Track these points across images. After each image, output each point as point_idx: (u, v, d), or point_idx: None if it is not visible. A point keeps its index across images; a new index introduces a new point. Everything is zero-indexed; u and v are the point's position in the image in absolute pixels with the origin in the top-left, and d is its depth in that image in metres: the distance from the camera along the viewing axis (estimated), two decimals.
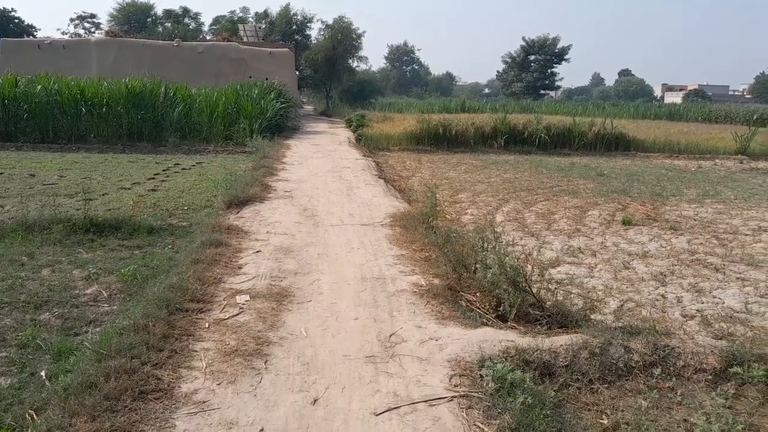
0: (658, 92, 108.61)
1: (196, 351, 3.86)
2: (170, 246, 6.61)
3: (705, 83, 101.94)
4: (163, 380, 3.44)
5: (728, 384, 3.74)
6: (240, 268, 5.65)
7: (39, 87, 17.15)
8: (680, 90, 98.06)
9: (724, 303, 5.50)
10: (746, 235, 8.23)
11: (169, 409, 3.18)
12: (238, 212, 8.09)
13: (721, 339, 4.50)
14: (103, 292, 5.16)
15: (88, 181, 10.64)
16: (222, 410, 3.21)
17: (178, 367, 3.61)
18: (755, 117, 30.96)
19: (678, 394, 3.63)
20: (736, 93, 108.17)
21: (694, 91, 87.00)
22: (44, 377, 3.62)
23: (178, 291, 4.69)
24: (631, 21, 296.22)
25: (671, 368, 3.86)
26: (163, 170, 12.56)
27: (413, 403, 3.31)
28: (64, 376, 3.46)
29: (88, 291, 5.18)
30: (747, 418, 3.40)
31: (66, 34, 60.01)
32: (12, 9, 59.70)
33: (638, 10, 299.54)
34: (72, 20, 64.51)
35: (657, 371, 3.82)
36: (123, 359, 3.50)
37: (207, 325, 4.26)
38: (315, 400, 3.32)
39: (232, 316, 4.44)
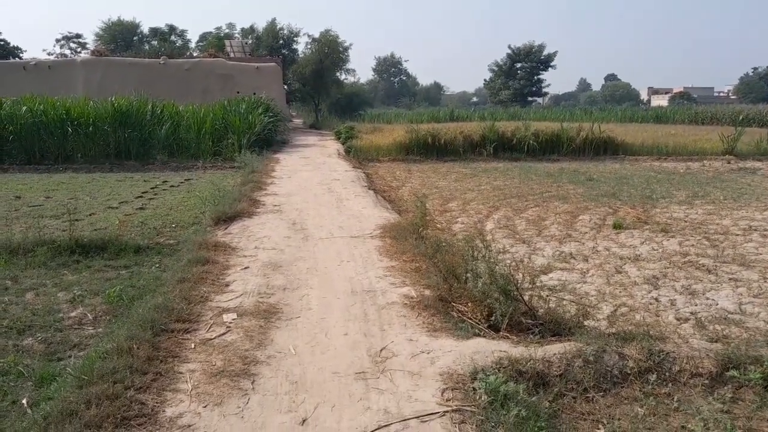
0: (644, 96, 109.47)
1: (181, 373, 3.76)
2: (157, 265, 6.51)
3: (690, 86, 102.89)
4: (147, 405, 3.34)
5: (725, 388, 3.68)
6: (227, 285, 5.55)
7: (24, 108, 17.00)
8: (666, 93, 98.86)
9: (717, 304, 5.46)
10: (737, 235, 8.22)
11: None
12: (226, 228, 8.00)
13: (716, 342, 4.45)
14: (88, 314, 5.05)
15: (74, 202, 10.52)
16: None
17: (162, 391, 3.52)
18: (741, 117, 31.19)
19: (675, 400, 3.57)
20: (721, 94, 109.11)
21: (679, 94, 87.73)
22: (26, 405, 3.52)
23: (163, 311, 4.59)
24: (615, 26, 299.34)
25: (667, 374, 3.80)
26: (151, 188, 12.45)
27: (405, 420, 3.22)
28: (45, 404, 3.36)
29: (73, 314, 5.08)
30: (745, 422, 3.35)
31: (52, 54, 59.84)
32: None
33: (622, 15, 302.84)
34: (58, 41, 64.55)
35: (653, 377, 3.76)
36: (105, 384, 3.40)
37: (193, 346, 4.16)
38: (304, 421, 3.23)
39: (219, 336, 4.34)
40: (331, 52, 41.72)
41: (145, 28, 62.26)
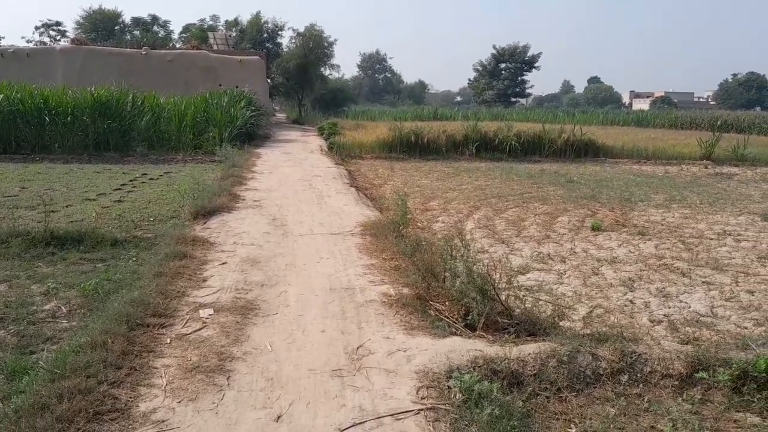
0: (626, 99, 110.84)
1: (156, 368, 3.73)
2: (134, 259, 6.43)
3: (671, 90, 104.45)
4: (120, 399, 3.31)
5: (694, 389, 3.75)
6: (205, 280, 5.52)
7: (1, 96, 16.65)
8: (647, 97, 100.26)
9: (690, 307, 5.56)
10: (711, 239, 8.37)
11: (126, 430, 3.06)
12: (204, 223, 7.94)
13: (687, 344, 4.52)
14: (63, 307, 4.98)
15: (50, 193, 10.35)
16: (181, 429, 3.10)
17: (136, 386, 3.49)
18: (719, 123, 31.71)
19: (645, 400, 3.63)
20: (701, 100, 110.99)
21: (660, 98, 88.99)
22: None
23: (139, 306, 4.55)
24: (599, 29, 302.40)
25: (638, 375, 3.87)
26: (130, 180, 12.30)
27: (379, 418, 3.24)
28: (16, 398, 3.31)
29: (47, 307, 5.00)
30: (713, 423, 3.42)
31: (31, 42, 58.73)
32: None
33: (606, 18, 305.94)
34: (37, 28, 63.20)
35: (624, 378, 3.82)
36: (78, 379, 3.37)
37: (169, 341, 4.13)
38: (278, 417, 3.23)
39: (195, 331, 4.31)
40: (315, 46, 41.56)
41: (127, 18, 61.34)
